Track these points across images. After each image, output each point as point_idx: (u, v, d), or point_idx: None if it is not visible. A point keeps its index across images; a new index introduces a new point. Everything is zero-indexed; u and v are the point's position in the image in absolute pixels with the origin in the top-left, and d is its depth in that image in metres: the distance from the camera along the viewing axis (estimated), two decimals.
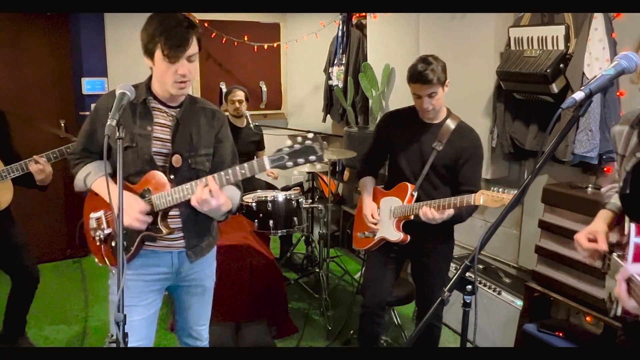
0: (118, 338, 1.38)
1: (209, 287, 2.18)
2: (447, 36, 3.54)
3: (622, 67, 1.22)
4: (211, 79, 5.22)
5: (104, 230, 1.94)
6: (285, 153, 1.64)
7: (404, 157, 2.57)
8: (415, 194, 2.51)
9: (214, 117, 2.02)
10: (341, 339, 3.34)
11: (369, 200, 2.68)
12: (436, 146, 2.46)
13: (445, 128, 2.48)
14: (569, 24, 2.68)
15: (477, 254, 1.32)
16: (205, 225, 2.05)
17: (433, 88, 2.35)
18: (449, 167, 2.48)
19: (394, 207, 2.56)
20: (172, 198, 1.81)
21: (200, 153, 1.95)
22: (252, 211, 3.68)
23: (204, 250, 2.06)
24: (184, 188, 1.79)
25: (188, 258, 1.99)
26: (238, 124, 4.28)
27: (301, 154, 1.63)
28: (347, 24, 4.76)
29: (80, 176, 1.95)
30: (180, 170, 1.91)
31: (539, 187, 2.86)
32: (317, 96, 5.32)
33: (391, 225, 2.58)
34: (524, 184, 1.29)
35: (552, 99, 2.81)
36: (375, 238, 2.66)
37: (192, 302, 2.14)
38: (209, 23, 5.02)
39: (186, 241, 1.97)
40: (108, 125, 1.53)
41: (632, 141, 1.38)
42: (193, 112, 1.96)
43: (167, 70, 1.77)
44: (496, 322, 3.09)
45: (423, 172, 2.50)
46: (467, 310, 1.49)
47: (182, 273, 2.03)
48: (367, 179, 2.74)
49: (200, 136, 1.95)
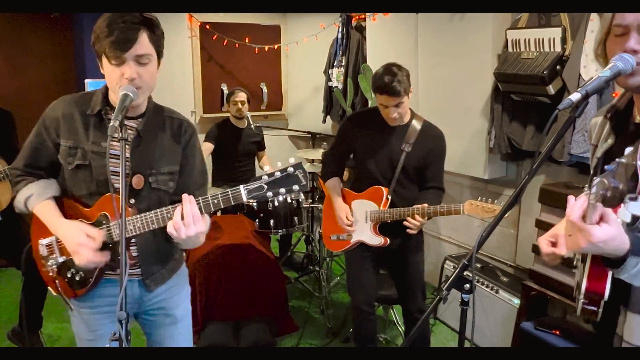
0: (121, 336, 1.37)
1: (180, 317, 1.84)
2: (445, 38, 3.53)
3: (618, 69, 1.21)
4: (213, 81, 5.22)
5: (57, 259, 1.66)
6: (264, 182, 1.46)
7: (372, 160, 2.58)
8: (390, 197, 2.53)
9: (181, 128, 1.72)
10: (341, 337, 3.34)
11: (340, 202, 2.68)
12: (405, 148, 2.50)
13: (411, 129, 2.52)
14: (565, 26, 2.68)
15: (474, 253, 1.32)
16: (166, 250, 1.76)
17: (400, 99, 2.39)
18: (418, 167, 2.54)
19: (371, 212, 2.58)
20: (135, 227, 1.56)
21: (163, 171, 1.67)
22: (253, 211, 3.69)
23: (164, 276, 1.78)
24: (149, 217, 1.55)
25: (146, 287, 1.72)
26: (239, 125, 4.28)
27: (282, 184, 1.46)
28: (347, 26, 4.76)
29: (20, 197, 1.65)
30: (141, 193, 1.64)
31: (536, 187, 2.86)
32: (317, 97, 5.32)
33: (368, 229, 2.61)
34: (521, 184, 1.29)
35: (549, 100, 2.81)
36: (351, 241, 2.67)
37: (165, 337, 1.83)
38: (210, 25, 5.02)
39: (143, 269, 1.70)
40: (111, 126, 1.38)
41: (605, 130, 1.39)
42: (157, 123, 1.67)
43: (112, 73, 1.50)
44: (494, 320, 3.09)
45: (395, 175, 2.53)
46: (465, 308, 1.49)
47: (145, 303, 1.76)
48: (334, 180, 2.75)
49: (164, 151, 1.67)
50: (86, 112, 1.61)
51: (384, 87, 2.37)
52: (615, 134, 1.35)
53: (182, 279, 1.88)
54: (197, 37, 5.07)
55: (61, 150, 1.63)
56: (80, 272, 1.67)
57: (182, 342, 1.86)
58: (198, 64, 5.13)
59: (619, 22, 1.22)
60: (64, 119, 1.62)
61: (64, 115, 1.62)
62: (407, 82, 2.41)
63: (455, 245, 3.86)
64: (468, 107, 3.30)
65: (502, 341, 3.04)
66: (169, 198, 1.71)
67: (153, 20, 1.54)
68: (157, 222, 1.57)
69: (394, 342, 3.29)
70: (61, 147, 1.63)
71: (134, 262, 1.70)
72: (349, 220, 2.63)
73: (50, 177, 1.71)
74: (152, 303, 1.79)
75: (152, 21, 1.54)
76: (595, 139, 1.43)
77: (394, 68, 2.41)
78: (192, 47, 5.06)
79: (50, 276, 1.71)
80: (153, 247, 1.72)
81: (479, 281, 3.21)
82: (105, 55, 1.48)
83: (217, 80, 5.23)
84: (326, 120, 5.18)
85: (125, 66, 1.49)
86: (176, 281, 1.84)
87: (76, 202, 1.66)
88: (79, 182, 1.64)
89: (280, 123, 5.54)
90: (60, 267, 1.68)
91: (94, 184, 1.62)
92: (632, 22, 1.19)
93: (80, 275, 1.68)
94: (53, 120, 1.63)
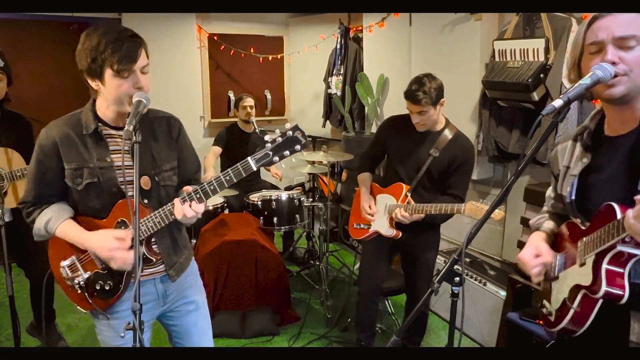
0: (135, 325, 1.35)
1: (202, 303, 1.86)
2: (436, 49, 3.54)
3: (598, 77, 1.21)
4: (220, 88, 5.22)
5: (82, 276, 1.63)
6: (269, 149, 1.49)
7: (400, 161, 2.57)
8: (409, 195, 2.51)
9: (169, 124, 1.72)
10: (339, 326, 3.34)
11: (367, 194, 2.69)
12: (433, 153, 2.46)
13: (442, 137, 2.48)
14: (548, 37, 2.68)
15: (464, 249, 1.31)
16: (180, 241, 1.79)
17: (422, 108, 2.34)
18: (442, 172, 2.49)
19: (390, 205, 2.57)
20: (154, 223, 1.58)
21: (165, 168, 1.68)
22: (257, 209, 3.69)
23: (183, 266, 1.80)
24: (165, 210, 1.58)
25: (170, 278, 1.73)
26: (247, 130, 4.28)
27: (285, 146, 1.49)
28: (345, 37, 4.77)
29: (39, 224, 1.61)
30: (151, 192, 1.65)
31: (521, 187, 2.86)
32: (318, 103, 5.32)
33: (385, 220, 2.59)
34: (507, 184, 1.28)
35: (533, 106, 2.81)
36: (369, 230, 2.66)
37: (189, 324, 1.83)
38: (218, 36, 5.02)
39: (165, 260, 1.71)
40: (125, 130, 1.37)
41: (576, 150, 1.37)
42: (148, 126, 1.66)
43: (121, 86, 1.48)
44: (482, 311, 3.09)
45: (418, 176, 2.50)
46: (455, 300, 1.50)
47: (169, 296, 1.77)
48: (365, 175, 2.75)
49: (161, 150, 1.68)
50: (82, 133, 1.57)
51: (408, 94, 2.35)
52: (589, 151, 1.33)
53: (195, 269, 1.90)
54: (206, 48, 5.07)
55: (67, 173, 1.59)
56: (109, 281, 1.64)
57: (204, 327, 1.87)
58: (206, 73, 5.13)
59: (592, 40, 1.21)
60: (61, 143, 1.57)
61: (61, 139, 1.57)
62: (434, 93, 2.32)
63: (446, 241, 3.85)
64: (458, 113, 3.30)
65: (489, 330, 3.04)
66: (174, 190, 1.73)
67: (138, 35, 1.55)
68: (168, 218, 1.58)
69: (390, 331, 3.29)
70: (66, 170, 1.59)
71: (157, 258, 1.69)
72: (371, 209, 2.62)
73: (61, 200, 1.66)
74: (176, 293, 1.79)
75: (139, 35, 1.54)
76: (566, 161, 1.41)
77: (425, 78, 2.34)
78: (201, 56, 5.06)
79: (79, 294, 1.66)
80: (170, 240, 1.73)
81: (468, 275, 3.21)
82: (112, 69, 1.46)
83: (224, 87, 5.23)
84: (326, 125, 5.18)
85: (134, 77, 1.49)
86: (192, 270, 1.86)
87: (90, 217, 1.63)
88: (91, 198, 1.60)
89: (283, 127, 5.53)
90: (87, 283, 1.64)
91: (106, 197, 1.60)
92: (606, 38, 1.18)
93: (109, 284, 1.65)
94: (51, 147, 1.57)
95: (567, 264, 1.37)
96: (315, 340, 3.17)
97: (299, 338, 3.20)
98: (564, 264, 1.40)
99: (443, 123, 2.51)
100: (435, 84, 2.34)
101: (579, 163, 1.35)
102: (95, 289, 1.65)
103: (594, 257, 1.22)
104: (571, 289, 1.31)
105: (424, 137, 2.50)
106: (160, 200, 1.66)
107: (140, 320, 1.36)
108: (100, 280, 1.65)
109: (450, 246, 3.76)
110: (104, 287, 1.65)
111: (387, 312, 3.43)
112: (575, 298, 1.28)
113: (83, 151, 1.57)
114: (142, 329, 1.36)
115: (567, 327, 1.32)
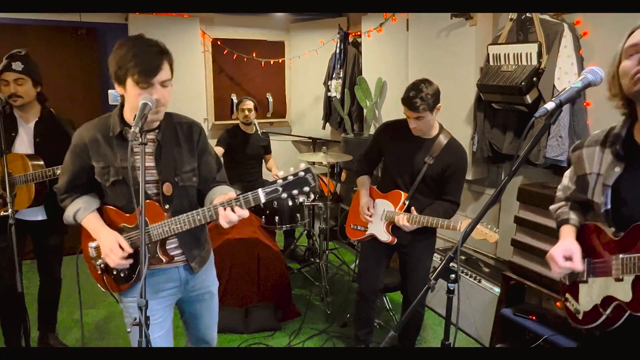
0: (141, 321, 1.37)
1: (215, 292, 2.00)
2: (432, 53, 3.54)
3: (589, 80, 1.21)
4: (223, 91, 5.22)
5: (104, 259, 1.73)
6: (279, 185, 1.54)
7: (397, 166, 2.56)
8: (407, 203, 2.51)
9: (191, 130, 1.80)
10: (339, 321, 3.34)
11: (366, 196, 2.68)
12: (427, 160, 2.45)
13: (437, 144, 2.46)
14: (541, 42, 2.68)
15: (459, 247, 1.32)
16: (201, 236, 1.89)
17: (419, 114, 2.33)
18: (437, 179, 2.48)
19: (387, 211, 2.57)
20: (170, 229, 1.65)
21: (186, 169, 1.75)
22: (259, 208, 3.69)
23: (204, 259, 1.90)
24: (181, 219, 1.64)
25: (192, 270, 1.83)
26: (248, 131, 4.28)
27: (295, 186, 1.54)
28: (344, 42, 4.77)
29: (69, 212, 1.76)
30: (172, 197, 1.73)
31: (514, 187, 2.86)
32: (318, 106, 5.32)
33: (382, 226, 2.59)
34: (501, 184, 1.28)
35: (526, 109, 2.80)
36: (366, 233, 2.66)
37: (202, 310, 1.97)
38: (221, 41, 5.02)
39: (186, 254, 1.81)
40: (132, 132, 1.43)
41: (605, 158, 1.34)
42: (171, 130, 1.75)
43: (140, 95, 1.55)
44: (477, 307, 3.09)
45: (414, 184, 2.49)
46: (451, 296, 1.49)
47: (189, 283, 1.87)
48: (364, 178, 2.76)
49: (183, 153, 1.75)
50: (109, 135, 1.68)
51: (406, 101, 2.34)
52: (622, 160, 1.31)
53: (212, 262, 2.00)
54: (210, 52, 5.07)
55: (96, 170, 1.70)
56: (124, 269, 1.73)
57: (214, 314, 2.02)
58: (210, 76, 5.14)
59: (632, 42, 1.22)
60: (90, 144, 1.69)
61: (90, 141, 1.69)
62: (431, 99, 2.31)
63: (441, 239, 3.85)
64: (453, 115, 3.30)
65: (484, 326, 3.04)
66: (194, 190, 1.82)
67: (167, 49, 1.61)
68: (189, 224, 1.65)
69: (387, 326, 3.29)
70: (95, 168, 1.70)
71: (168, 259, 1.75)
72: (369, 212, 2.62)
73: (90, 192, 1.80)
74: (196, 283, 1.89)
75: (167, 51, 1.61)
76: (595, 167, 1.38)
77: (422, 85, 2.32)
78: (205, 60, 5.06)
79: (98, 274, 1.80)
80: (191, 235, 1.81)
81: (463, 272, 3.21)
82: (132, 80, 1.54)
83: (228, 90, 5.23)
84: (325, 127, 5.19)
85: (151, 89, 1.55)
86: (210, 263, 1.98)
87: (119, 209, 1.75)
88: (118, 194, 1.72)
89: (284, 129, 5.54)
90: (106, 265, 1.75)
91: (130, 195, 1.66)
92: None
93: (124, 272, 1.75)
94: (82, 147, 1.70)
95: (599, 273, 1.37)
96: (316, 335, 3.17)
97: (299, 333, 3.20)
98: (594, 271, 1.39)
99: (437, 129, 2.50)
100: (432, 90, 2.33)
101: (612, 172, 1.32)
102: (112, 274, 1.77)
103: (634, 276, 1.24)
104: (604, 298, 1.33)
105: (419, 144, 2.48)
106: (181, 202, 1.76)
107: (146, 315, 1.37)
108: None
109: (446, 244, 3.76)
110: (120, 274, 1.76)
111: (385, 307, 3.43)
112: (608, 306, 1.31)
113: (109, 152, 1.68)
114: (148, 325, 1.39)
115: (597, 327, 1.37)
